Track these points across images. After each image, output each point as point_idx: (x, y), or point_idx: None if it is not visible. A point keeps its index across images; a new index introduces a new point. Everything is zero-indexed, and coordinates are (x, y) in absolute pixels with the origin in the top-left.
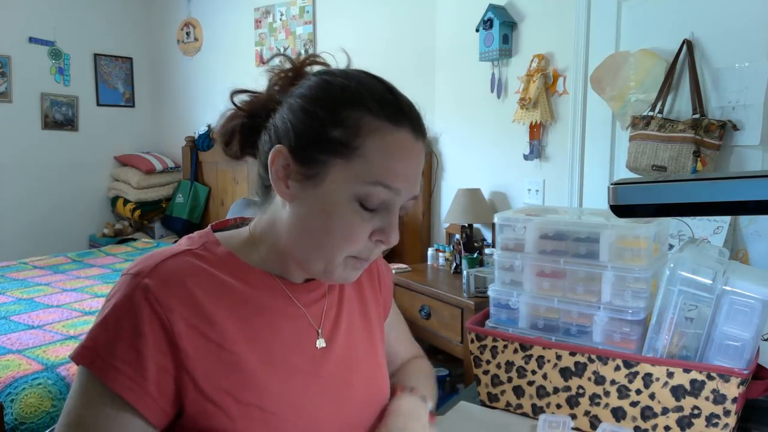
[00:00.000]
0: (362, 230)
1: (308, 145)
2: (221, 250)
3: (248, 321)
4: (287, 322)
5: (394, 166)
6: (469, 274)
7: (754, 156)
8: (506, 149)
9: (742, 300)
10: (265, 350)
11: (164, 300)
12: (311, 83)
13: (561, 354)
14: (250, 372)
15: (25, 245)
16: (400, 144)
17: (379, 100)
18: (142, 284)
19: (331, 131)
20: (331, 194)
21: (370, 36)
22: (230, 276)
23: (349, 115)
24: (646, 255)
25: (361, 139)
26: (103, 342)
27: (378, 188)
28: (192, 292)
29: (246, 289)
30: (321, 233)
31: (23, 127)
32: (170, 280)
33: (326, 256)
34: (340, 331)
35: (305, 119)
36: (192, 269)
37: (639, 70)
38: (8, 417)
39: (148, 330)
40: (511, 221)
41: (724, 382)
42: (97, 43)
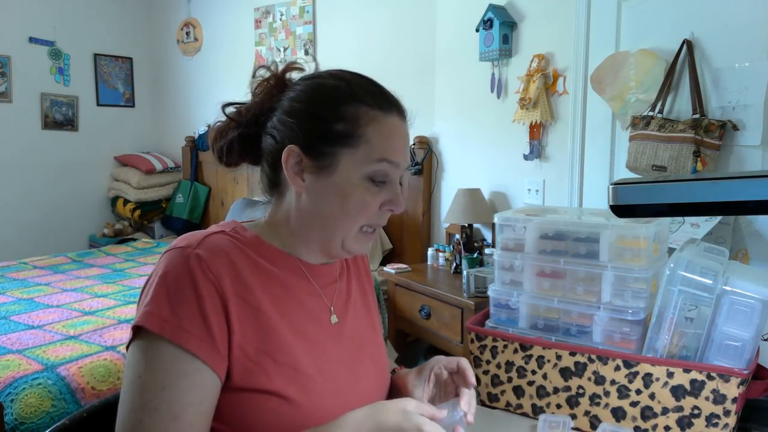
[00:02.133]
0: (374, 203)
1: (317, 141)
2: (249, 233)
3: (276, 294)
4: (307, 299)
5: (391, 144)
6: (469, 274)
7: (754, 156)
8: (506, 149)
9: (742, 300)
10: (292, 321)
11: (215, 268)
12: (304, 88)
13: (561, 354)
14: (283, 337)
15: (25, 245)
16: (393, 126)
17: (369, 93)
18: (194, 254)
19: (335, 126)
20: (345, 179)
21: (370, 36)
22: (259, 255)
23: (348, 110)
24: (646, 255)
25: (362, 129)
26: (168, 308)
27: (383, 164)
28: (234, 263)
29: (272, 267)
30: (339, 213)
31: (23, 127)
32: (216, 251)
33: (344, 230)
34: (349, 312)
35: (309, 119)
36: (230, 245)
37: (639, 70)
38: (8, 417)
39: (207, 293)
40: (511, 221)
41: (724, 382)
42: (97, 43)
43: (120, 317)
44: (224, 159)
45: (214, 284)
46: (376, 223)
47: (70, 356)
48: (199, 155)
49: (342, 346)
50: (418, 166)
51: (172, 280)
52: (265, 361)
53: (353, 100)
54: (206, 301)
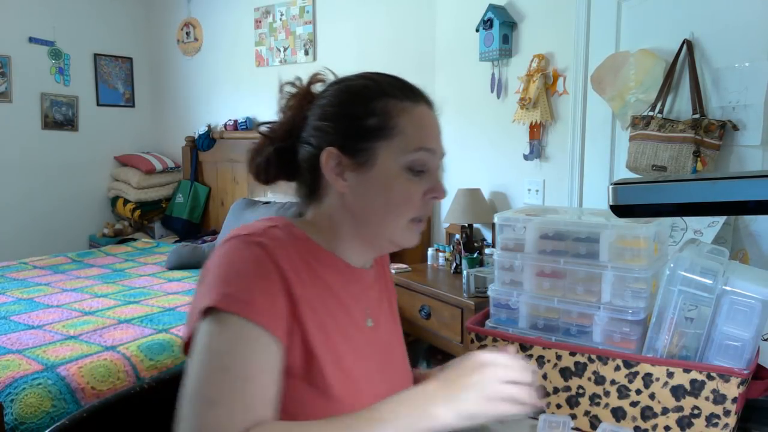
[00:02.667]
0: (417, 193)
1: (353, 139)
2: (299, 231)
3: (324, 294)
4: (348, 301)
5: (425, 132)
6: (469, 274)
7: (754, 156)
8: (506, 149)
9: (742, 300)
10: (338, 322)
11: (278, 254)
12: (333, 92)
13: (561, 354)
14: (332, 337)
15: (25, 245)
16: (424, 114)
17: (396, 87)
18: (260, 242)
19: (368, 121)
20: (385, 171)
21: (370, 36)
22: (308, 254)
23: (378, 105)
24: (646, 255)
25: (394, 120)
26: (238, 288)
27: (420, 153)
28: (292, 256)
29: (321, 267)
30: (385, 207)
31: (23, 127)
32: (279, 243)
33: (393, 224)
34: (381, 317)
35: (343, 119)
36: (287, 240)
37: (639, 70)
38: (8, 417)
39: (274, 278)
40: (511, 221)
41: (724, 382)
42: (97, 43)
43: (120, 317)
44: (262, 176)
45: (280, 270)
46: (422, 213)
47: (70, 356)
48: (199, 155)
49: (376, 349)
50: None
51: (239, 262)
52: (318, 356)
53: (382, 94)
54: (274, 284)
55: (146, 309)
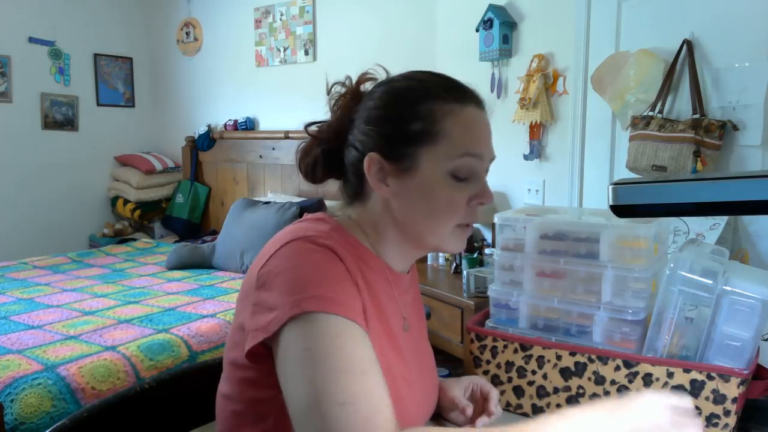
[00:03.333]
0: (461, 200)
1: (396, 144)
2: (348, 235)
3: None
4: (390, 305)
5: (472, 136)
6: (469, 274)
7: (754, 156)
8: (506, 149)
9: (742, 300)
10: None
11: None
12: (379, 94)
13: (561, 354)
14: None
15: (25, 245)
16: (471, 117)
17: (443, 87)
18: (325, 244)
19: (412, 126)
20: (428, 177)
21: (370, 36)
22: (359, 258)
23: (422, 108)
24: (646, 255)
25: (439, 124)
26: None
27: (466, 158)
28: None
29: (367, 269)
30: (428, 214)
31: (23, 127)
32: (339, 245)
33: (437, 231)
34: (414, 321)
35: (386, 124)
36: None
37: (639, 70)
38: (8, 417)
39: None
40: (511, 221)
41: (724, 382)
42: (97, 43)
43: (120, 317)
44: (310, 176)
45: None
46: (468, 219)
47: (70, 356)
48: (199, 155)
49: (413, 354)
50: None
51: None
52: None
53: (427, 97)
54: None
55: (146, 309)
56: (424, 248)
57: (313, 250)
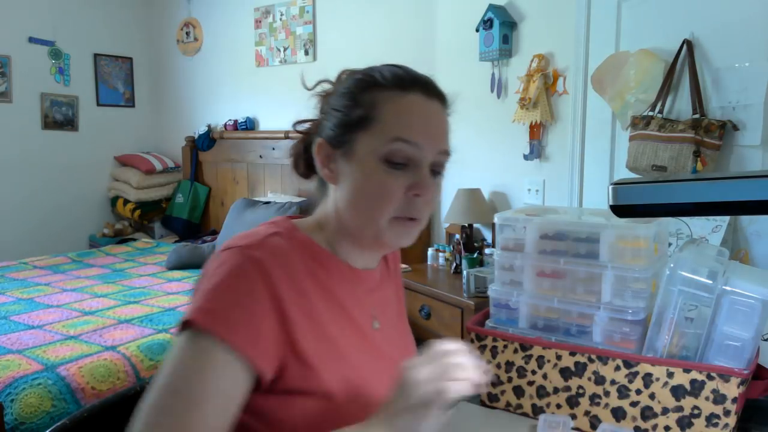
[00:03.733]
0: (395, 187)
1: (339, 131)
2: (302, 235)
3: (328, 300)
4: (353, 305)
5: (408, 123)
6: (469, 274)
7: (754, 156)
8: (506, 149)
9: (742, 300)
10: (343, 327)
11: (273, 271)
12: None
13: (561, 354)
14: (335, 341)
15: (25, 245)
16: (412, 104)
17: (387, 75)
18: (254, 256)
19: (354, 112)
20: (362, 162)
21: (370, 36)
22: (312, 259)
23: (365, 96)
24: (646, 255)
25: (377, 110)
26: (221, 305)
27: (398, 144)
28: (292, 267)
29: (323, 271)
30: (362, 199)
31: (23, 127)
32: (277, 254)
33: (372, 220)
34: (388, 319)
35: (335, 113)
36: (288, 248)
37: (639, 70)
38: (8, 417)
39: (261, 296)
40: (511, 221)
41: (724, 382)
42: (97, 43)
43: (120, 317)
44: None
45: (272, 288)
46: (406, 211)
47: (70, 356)
48: (199, 155)
49: (385, 351)
50: None
51: (228, 278)
52: (320, 365)
53: (372, 85)
54: (260, 303)
55: (146, 309)
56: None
57: (236, 263)
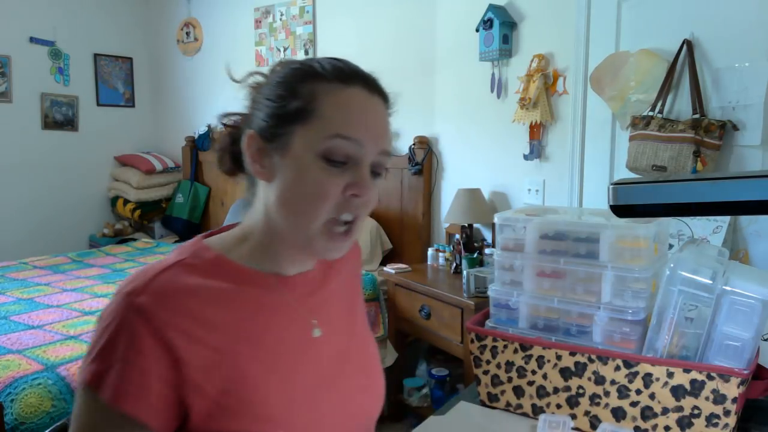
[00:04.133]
0: (332, 185)
1: (273, 123)
2: (211, 254)
3: (246, 321)
4: (283, 316)
5: (349, 118)
6: (469, 274)
7: (754, 156)
8: (506, 149)
9: (742, 300)
10: (265, 348)
11: (159, 315)
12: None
13: (561, 354)
14: (250, 370)
15: (25, 245)
16: (354, 98)
17: (328, 67)
18: (136, 303)
19: (290, 105)
20: (298, 158)
21: (370, 36)
22: (223, 280)
23: (304, 87)
24: (646, 255)
25: (316, 102)
26: (105, 364)
27: (337, 140)
28: (186, 304)
29: (240, 289)
30: (297, 198)
31: (23, 127)
32: (163, 294)
33: (306, 222)
34: (334, 322)
35: (268, 103)
36: (184, 280)
37: (639, 70)
38: (8, 417)
39: (148, 348)
40: (511, 221)
41: (724, 382)
42: (97, 43)
43: None
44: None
45: (158, 335)
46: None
47: (70, 356)
48: (199, 155)
49: (327, 362)
50: (418, 166)
51: (111, 334)
52: (232, 402)
53: (311, 76)
54: (146, 356)
55: None
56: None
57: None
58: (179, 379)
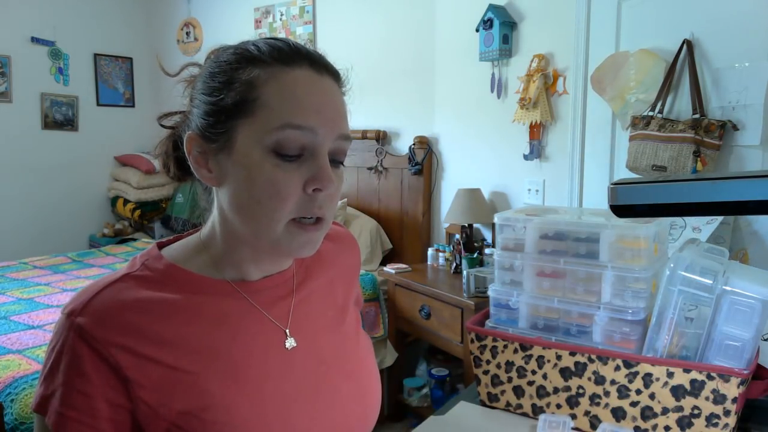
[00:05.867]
0: (289, 183)
1: (212, 120)
2: (164, 263)
3: (205, 335)
4: (249, 327)
5: (297, 104)
6: (469, 274)
7: (754, 156)
8: (506, 149)
9: (742, 300)
10: (228, 361)
11: (101, 336)
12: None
13: (561, 354)
14: (213, 388)
15: (25, 245)
16: (300, 80)
17: (266, 50)
18: (76, 324)
19: (228, 97)
20: (245, 156)
21: (370, 36)
22: (177, 291)
23: (241, 76)
24: (646, 255)
25: (257, 91)
26: (51, 391)
27: (287, 131)
28: (132, 320)
29: (197, 300)
30: (252, 201)
31: (23, 127)
32: (105, 314)
33: (266, 225)
34: (313, 328)
35: (204, 98)
36: (130, 296)
37: (639, 70)
38: (8, 417)
39: (91, 370)
40: (511, 221)
41: (724, 382)
42: (97, 43)
43: None
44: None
45: (101, 357)
46: (306, 210)
47: None
48: None
49: (301, 372)
50: (418, 166)
51: (54, 359)
52: (192, 423)
53: (247, 62)
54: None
55: None
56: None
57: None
58: (130, 401)
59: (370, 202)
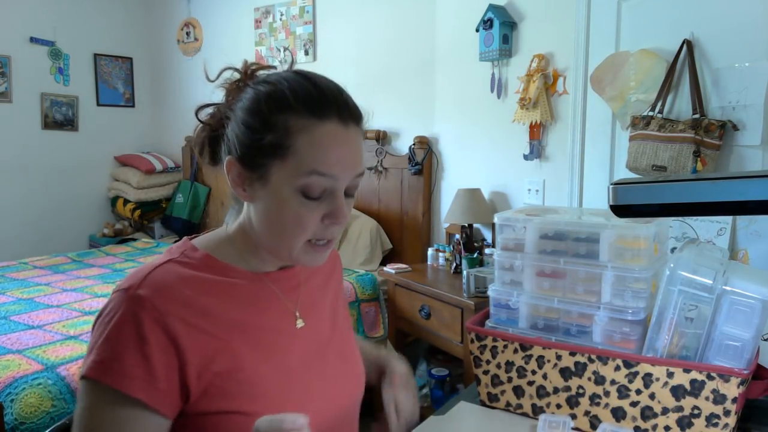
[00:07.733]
0: (311, 218)
1: (250, 153)
2: (199, 254)
3: (236, 311)
4: (268, 308)
5: (325, 156)
6: (469, 274)
7: (754, 156)
8: (506, 149)
9: (742, 300)
10: (253, 336)
11: (159, 305)
12: (247, 95)
13: (561, 354)
14: (243, 355)
15: (25, 245)
16: (328, 134)
17: (302, 99)
18: (136, 295)
19: (266, 137)
20: (277, 192)
21: (370, 36)
22: (212, 274)
23: (278, 120)
24: (646, 255)
25: (291, 139)
26: (111, 355)
27: (314, 177)
28: (182, 292)
29: (231, 282)
30: (277, 226)
31: (23, 127)
32: (160, 286)
33: (286, 244)
34: (316, 314)
35: (245, 130)
36: (177, 274)
37: (639, 70)
38: (8, 417)
39: (150, 335)
40: (511, 221)
41: (724, 382)
42: (97, 43)
43: None
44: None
45: (159, 323)
46: (321, 236)
47: (70, 356)
48: None
49: (310, 350)
50: (418, 166)
51: (114, 326)
52: (226, 383)
53: (285, 108)
54: (150, 342)
55: None
56: (278, 257)
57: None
58: (181, 364)
59: (370, 202)
